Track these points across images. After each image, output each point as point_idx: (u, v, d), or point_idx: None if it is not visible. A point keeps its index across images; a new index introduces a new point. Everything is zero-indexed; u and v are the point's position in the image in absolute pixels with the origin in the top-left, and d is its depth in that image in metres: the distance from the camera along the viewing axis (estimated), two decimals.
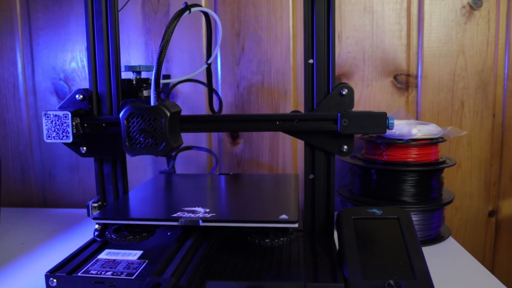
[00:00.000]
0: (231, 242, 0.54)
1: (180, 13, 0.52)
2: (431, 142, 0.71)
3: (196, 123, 0.55)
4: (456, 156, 0.89)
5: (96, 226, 0.61)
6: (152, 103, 0.52)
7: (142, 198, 0.58)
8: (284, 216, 0.48)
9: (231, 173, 0.73)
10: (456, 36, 0.86)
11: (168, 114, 0.50)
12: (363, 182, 0.75)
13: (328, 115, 0.54)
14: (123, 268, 0.49)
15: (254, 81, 0.90)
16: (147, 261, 0.51)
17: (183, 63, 0.90)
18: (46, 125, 0.56)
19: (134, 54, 0.90)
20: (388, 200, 0.71)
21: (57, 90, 0.93)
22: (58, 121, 0.56)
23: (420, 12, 0.86)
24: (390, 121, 0.53)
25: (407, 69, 0.87)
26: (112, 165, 0.60)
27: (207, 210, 0.51)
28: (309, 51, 0.56)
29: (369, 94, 0.88)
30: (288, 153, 0.91)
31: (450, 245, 0.69)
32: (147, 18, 0.89)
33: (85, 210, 0.89)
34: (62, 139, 0.56)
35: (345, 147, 0.56)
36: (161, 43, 0.50)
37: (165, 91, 0.78)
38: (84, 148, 0.59)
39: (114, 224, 0.53)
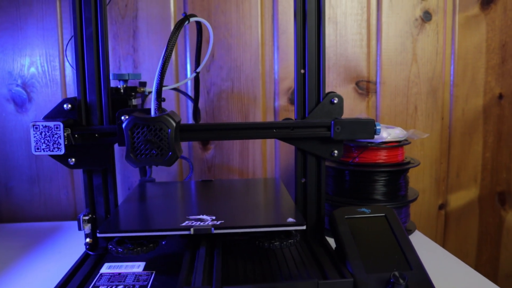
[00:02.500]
0: (234, 247, 0.55)
1: (181, 23, 0.52)
2: (399, 145, 0.77)
3: (195, 132, 0.56)
4: (411, 155, 0.97)
5: (87, 240, 0.59)
6: (152, 113, 0.52)
7: (140, 208, 0.57)
8: (291, 219, 0.51)
9: (212, 180, 0.74)
10: (410, 46, 0.94)
11: (174, 124, 0.50)
12: (337, 183, 0.79)
13: (321, 123, 0.58)
14: (133, 281, 0.48)
15: (224, 87, 0.91)
16: (154, 271, 0.51)
17: (153, 69, 0.88)
18: (34, 137, 0.53)
19: None
20: (361, 199, 0.77)
21: (14, 97, 0.87)
22: (48, 132, 0.53)
23: (379, 23, 0.93)
24: (377, 127, 0.58)
25: (367, 76, 0.94)
26: (103, 176, 0.59)
27: (213, 217, 0.52)
28: (300, 62, 0.59)
29: None
30: (258, 157, 0.94)
31: (419, 238, 0.76)
32: (114, 23, 0.87)
33: (49, 223, 0.85)
34: (53, 151, 0.54)
35: (336, 151, 0.60)
36: (164, 53, 0.50)
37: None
38: (73, 159, 0.57)
39: (114, 237, 0.52)
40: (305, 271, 0.50)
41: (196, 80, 0.67)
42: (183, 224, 0.50)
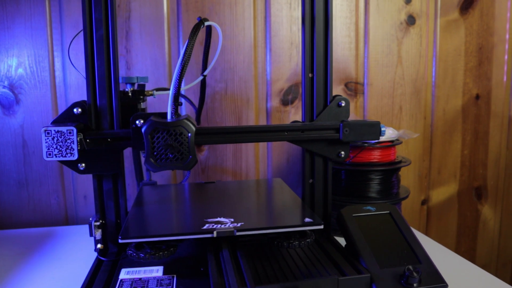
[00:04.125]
0: (252, 248, 0.56)
1: (197, 28, 0.53)
2: (392, 144, 0.81)
3: (209, 135, 0.56)
4: (397, 153, 1.01)
5: (99, 246, 0.58)
6: (169, 118, 0.52)
7: (153, 213, 0.57)
8: (308, 220, 0.53)
9: (215, 182, 0.75)
10: (396, 49, 0.98)
11: (194, 128, 0.50)
12: (333, 182, 0.82)
13: (330, 125, 0.60)
14: (156, 286, 0.49)
15: (218, 89, 0.91)
16: (175, 275, 0.51)
17: (145, 70, 0.87)
18: (46, 142, 0.52)
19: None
20: (357, 197, 0.79)
21: (0, 99, 0.83)
22: (61, 137, 0.52)
23: (366, 27, 0.96)
24: (382, 129, 0.61)
25: (355, 78, 0.97)
26: (113, 181, 0.58)
27: (232, 219, 0.53)
28: (308, 66, 0.61)
29: None
30: (251, 158, 0.95)
31: None
32: None
33: (40, 229, 0.83)
34: (65, 156, 0.53)
35: (342, 153, 0.62)
36: (182, 58, 0.51)
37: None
38: (83, 164, 0.56)
39: (131, 243, 0.52)
40: (323, 268, 0.52)
41: (203, 83, 0.68)
42: (204, 227, 0.50)
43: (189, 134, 0.50)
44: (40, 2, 0.82)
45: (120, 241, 0.48)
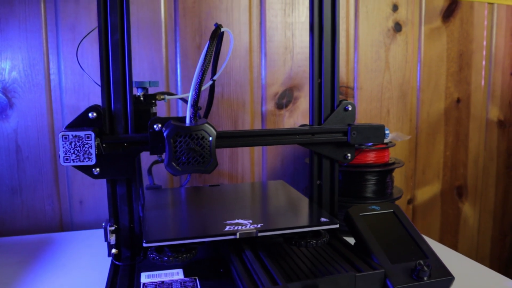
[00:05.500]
0: (270, 248, 0.58)
1: (216, 33, 0.54)
2: (386, 146, 0.84)
3: (228, 139, 0.58)
4: None
5: (113, 250, 0.58)
6: (188, 122, 0.53)
7: (169, 216, 0.58)
8: (324, 219, 0.55)
9: (219, 184, 0.76)
10: (384, 54, 1.02)
11: (215, 132, 0.52)
12: None
13: (339, 128, 0.62)
14: None
15: (215, 93, 0.92)
16: (196, 277, 0.52)
17: (143, 74, 0.87)
18: (63, 147, 0.52)
19: (88, 64, 0.84)
20: (354, 197, 0.82)
21: None
22: (78, 142, 0.52)
23: (356, 33, 0.99)
24: (386, 132, 0.64)
25: (346, 82, 1.01)
26: (127, 185, 0.58)
27: (250, 221, 0.54)
28: (317, 72, 0.63)
29: None
30: (246, 162, 0.96)
31: None
32: None
33: (35, 236, 0.81)
34: (83, 161, 0.52)
35: (349, 155, 0.64)
36: (202, 63, 0.52)
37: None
38: (97, 169, 0.56)
39: (151, 247, 0.52)
40: (339, 266, 0.54)
41: (212, 88, 0.69)
42: (226, 229, 0.51)
43: (211, 138, 0.51)
44: (35, 3, 0.81)
45: (144, 245, 0.48)
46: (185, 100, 0.78)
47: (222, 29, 0.57)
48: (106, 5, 0.55)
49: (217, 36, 0.54)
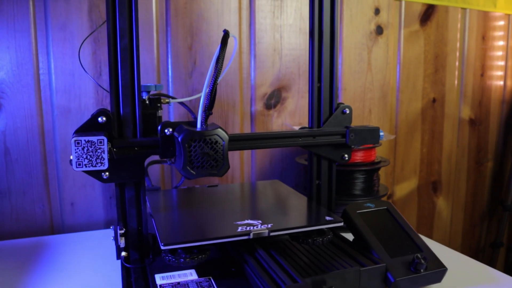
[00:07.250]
0: (278, 246, 0.60)
1: (226, 39, 0.55)
2: (373, 146, 0.89)
3: (237, 142, 0.59)
4: None
5: (123, 253, 0.59)
6: (199, 126, 0.54)
7: (180, 218, 0.59)
8: (329, 218, 0.58)
9: (217, 185, 0.77)
10: (366, 56, 1.06)
11: (228, 137, 0.53)
12: None
13: (338, 131, 0.65)
14: None
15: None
16: (211, 277, 0.54)
17: None
18: (76, 152, 0.52)
19: (79, 64, 0.83)
20: (343, 195, 0.86)
21: None
22: (91, 147, 0.52)
23: (341, 36, 1.03)
24: (381, 134, 0.68)
25: None
26: (135, 188, 0.59)
27: (260, 221, 0.56)
28: (316, 76, 0.66)
29: (304, 105, 1.02)
30: (236, 162, 0.98)
31: None
32: (94, 27, 0.83)
33: (26, 240, 0.80)
34: (96, 166, 0.53)
35: (346, 155, 0.68)
36: (215, 68, 0.53)
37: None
38: (107, 173, 0.56)
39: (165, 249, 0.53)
40: (343, 261, 0.57)
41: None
42: (239, 230, 0.53)
43: (223, 142, 0.53)
44: (23, 2, 0.79)
45: (162, 247, 0.50)
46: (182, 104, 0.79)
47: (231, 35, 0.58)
48: (115, 9, 0.55)
49: (227, 41, 0.55)
